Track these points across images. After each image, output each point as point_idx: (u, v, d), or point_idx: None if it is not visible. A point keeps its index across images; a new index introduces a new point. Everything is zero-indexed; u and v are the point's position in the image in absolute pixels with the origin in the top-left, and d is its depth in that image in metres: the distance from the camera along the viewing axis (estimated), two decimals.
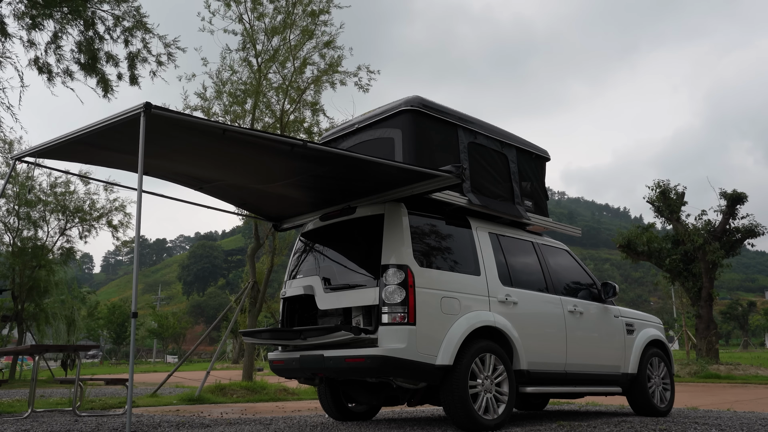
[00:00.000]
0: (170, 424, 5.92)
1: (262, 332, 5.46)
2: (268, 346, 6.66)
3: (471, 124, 5.80)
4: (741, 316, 66.56)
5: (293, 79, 12.85)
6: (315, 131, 13.25)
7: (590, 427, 5.25)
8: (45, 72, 9.35)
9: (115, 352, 65.07)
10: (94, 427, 5.66)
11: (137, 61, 9.59)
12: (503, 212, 5.83)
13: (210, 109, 12.90)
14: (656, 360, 6.76)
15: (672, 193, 21.03)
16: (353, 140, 5.90)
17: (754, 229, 19.81)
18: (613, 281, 6.65)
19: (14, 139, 18.46)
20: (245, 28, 12.61)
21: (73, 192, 19.88)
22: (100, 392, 12.39)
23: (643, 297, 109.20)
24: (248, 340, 5.71)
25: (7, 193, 19.22)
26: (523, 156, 6.35)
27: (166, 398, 10.14)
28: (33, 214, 19.60)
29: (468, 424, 4.75)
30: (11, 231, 19.52)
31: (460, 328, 4.82)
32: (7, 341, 22.85)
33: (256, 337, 5.50)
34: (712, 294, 19.76)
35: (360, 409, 6.15)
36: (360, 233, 5.32)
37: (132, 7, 9.32)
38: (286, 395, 10.83)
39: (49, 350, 7.84)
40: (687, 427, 5.36)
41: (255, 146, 4.63)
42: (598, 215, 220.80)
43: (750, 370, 17.61)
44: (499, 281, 5.38)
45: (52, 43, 9.22)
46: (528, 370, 5.32)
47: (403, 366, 4.56)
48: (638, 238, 21.27)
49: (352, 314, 5.28)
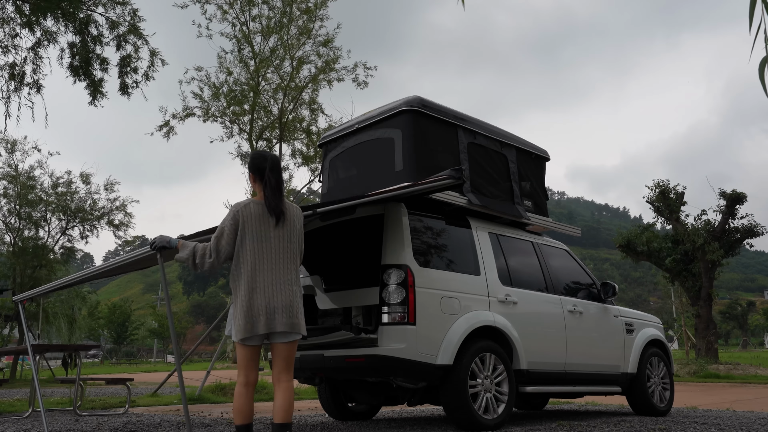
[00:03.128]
0: (170, 423, 5.94)
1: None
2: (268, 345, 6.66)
3: (471, 124, 5.81)
4: (740, 315, 66.58)
5: (291, 78, 12.87)
6: (314, 130, 13.27)
7: (590, 426, 5.26)
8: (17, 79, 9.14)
9: (116, 351, 65.05)
10: (95, 426, 5.68)
11: (128, 70, 9.44)
12: (503, 212, 5.85)
13: (209, 110, 12.93)
14: (656, 360, 6.77)
15: (671, 193, 21.04)
16: (353, 140, 5.91)
17: (754, 229, 19.83)
18: (612, 281, 6.66)
19: (17, 139, 18.52)
20: (240, 29, 12.65)
21: (75, 192, 19.91)
22: (100, 392, 12.41)
23: (642, 297, 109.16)
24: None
25: (8, 193, 19.25)
26: (523, 156, 6.36)
27: (166, 398, 10.15)
28: (34, 214, 19.62)
29: (468, 424, 4.76)
30: (12, 231, 19.53)
31: (460, 328, 4.84)
32: (8, 341, 22.85)
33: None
34: (712, 294, 19.77)
35: (360, 409, 6.16)
36: (360, 233, 5.33)
37: (131, 9, 9.28)
38: None
39: (49, 350, 7.85)
40: (686, 426, 5.37)
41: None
42: (598, 215, 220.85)
43: (749, 369, 17.63)
44: (498, 281, 5.39)
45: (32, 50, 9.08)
46: (528, 370, 5.33)
47: (403, 366, 4.57)
48: (638, 238, 21.28)
49: (352, 314, 5.30)
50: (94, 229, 20.19)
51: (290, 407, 3.48)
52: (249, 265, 3.50)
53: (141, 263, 5.09)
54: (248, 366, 3.53)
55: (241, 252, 3.53)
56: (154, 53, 9.56)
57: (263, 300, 3.45)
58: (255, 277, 3.48)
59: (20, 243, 19.47)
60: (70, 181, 19.84)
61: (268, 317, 3.44)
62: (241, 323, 3.44)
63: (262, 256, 3.52)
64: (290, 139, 13.43)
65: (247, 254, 3.52)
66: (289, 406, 3.47)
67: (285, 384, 3.51)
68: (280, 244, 3.57)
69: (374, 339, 4.64)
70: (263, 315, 3.44)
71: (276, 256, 3.55)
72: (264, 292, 3.46)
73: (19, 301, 5.87)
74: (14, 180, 19.20)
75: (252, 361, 3.54)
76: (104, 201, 20.19)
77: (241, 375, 3.53)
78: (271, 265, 3.52)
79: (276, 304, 3.46)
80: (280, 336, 3.51)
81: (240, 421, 3.48)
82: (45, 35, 9.05)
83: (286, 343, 3.54)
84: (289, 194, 14.27)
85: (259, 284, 3.48)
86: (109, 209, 20.13)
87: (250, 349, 3.52)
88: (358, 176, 5.75)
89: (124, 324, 60.91)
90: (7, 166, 19.35)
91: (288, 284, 3.54)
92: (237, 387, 3.51)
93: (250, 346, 3.51)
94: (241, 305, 3.47)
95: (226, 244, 3.55)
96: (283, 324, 3.46)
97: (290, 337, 3.53)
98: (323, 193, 6.20)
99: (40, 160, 24.79)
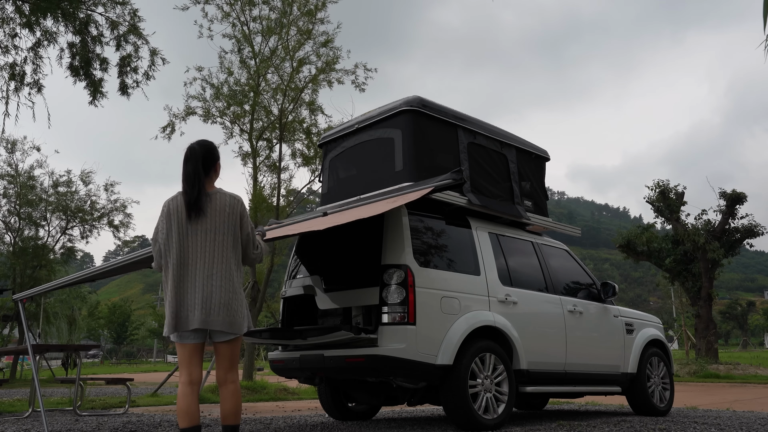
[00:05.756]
0: (170, 423, 5.94)
1: (263, 332, 5.47)
2: (269, 345, 6.64)
3: (471, 124, 5.81)
4: (740, 315, 66.59)
5: (291, 79, 12.87)
6: (314, 131, 13.27)
7: (590, 426, 5.26)
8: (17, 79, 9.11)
9: (116, 351, 65.05)
10: (95, 426, 5.68)
11: (128, 70, 9.40)
12: (503, 212, 5.84)
13: (209, 110, 12.93)
14: (656, 359, 6.77)
15: (671, 193, 21.05)
16: (353, 140, 5.91)
17: (753, 229, 19.85)
18: (612, 281, 6.66)
19: (17, 139, 18.53)
20: (241, 29, 12.65)
21: (75, 192, 19.92)
22: (100, 392, 12.42)
23: (642, 297, 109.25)
24: (248, 340, 5.72)
25: (8, 193, 19.25)
26: (523, 156, 6.36)
27: (166, 398, 10.16)
28: (34, 214, 19.63)
29: (468, 424, 4.76)
30: (12, 231, 19.54)
31: (460, 328, 4.83)
32: (8, 341, 22.86)
33: (256, 336, 5.51)
34: (712, 294, 19.78)
35: (360, 409, 6.16)
36: (360, 233, 5.33)
37: (131, 9, 9.27)
38: (287, 395, 10.85)
39: (49, 350, 7.85)
40: (686, 426, 5.37)
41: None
42: (598, 215, 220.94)
43: (749, 369, 17.63)
44: (498, 281, 5.39)
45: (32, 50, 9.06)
46: (528, 370, 5.33)
47: (403, 366, 4.57)
48: (638, 238, 21.30)
49: (352, 314, 5.30)
50: (94, 230, 20.21)
51: (238, 410, 3.34)
52: (174, 259, 3.34)
53: (141, 264, 5.10)
54: (190, 363, 3.34)
55: (169, 246, 3.37)
56: (154, 52, 9.54)
57: (191, 296, 3.28)
58: (181, 272, 3.32)
59: (20, 243, 19.48)
60: (70, 180, 19.86)
61: (199, 314, 3.26)
62: (168, 319, 3.29)
63: (187, 250, 3.34)
64: (290, 139, 13.44)
65: (172, 248, 3.35)
66: (237, 409, 3.34)
67: (231, 386, 3.36)
68: (207, 237, 3.36)
69: (374, 339, 4.64)
70: (193, 311, 3.26)
71: (203, 249, 3.35)
72: (193, 288, 3.29)
73: (18, 301, 5.87)
74: (14, 180, 19.21)
75: (193, 359, 3.35)
76: (104, 201, 20.22)
77: (184, 374, 3.33)
78: (199, 258, 3.33)
79: (207, 300, 3.27)
80: (218, 335, 3.36)
81: (186, 423, 3.25)
82: (45, 35, 9.03)
83: (227, 343, 3.38)
84: (290, 194, 14.28)
85: (188, 279, 3.31)
86: (109, 209, 20.14)
87: (189, 347, 3.35)
88: (358, 176, 5.75)
89: (124, 324, 60.91)
90: (7, 165, 19.36)
91: (220, 279, 3.32)
92: (180, 387, 3.31)
93: (188, 344, 3.35)
94: (168, 301, 3.32)
95: (163, 241, 3.40)
96: (219, 322, 3.28)
97: (228, 336, 3.36)
98: (323, 193, 6.20)
99: (39, 160, 24.82)
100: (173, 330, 3.31)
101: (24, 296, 5.87)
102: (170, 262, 3.37)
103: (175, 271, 3.34)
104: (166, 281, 3.39)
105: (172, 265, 3.35)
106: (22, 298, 5.83)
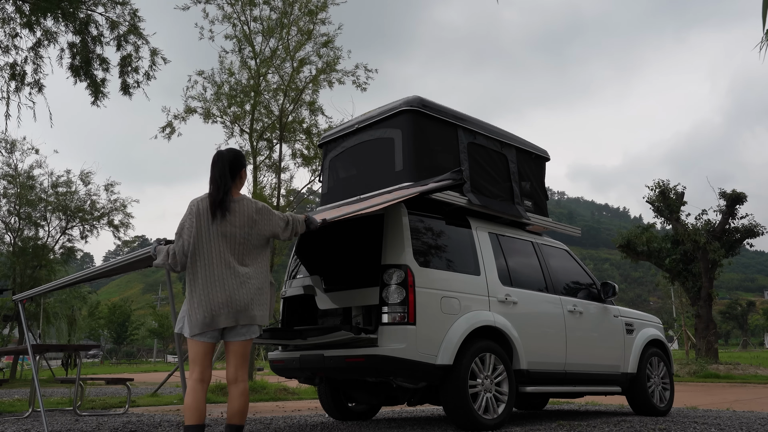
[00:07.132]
0: (170, 423, 5.94)
1: (263, 332, 5.48)
2: (269, 345, 6.65)
3: (471, 124, 5.81)
4: (740, 315, 66.63)
5: (291, 79, 12.87)
6: (314, 131, 13.27)
7: (590, 426, 5.26)
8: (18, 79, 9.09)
9: (116, 351, 65.05)
10: (95, 426, 5.68)
11: (129, 69, 9.38)
12: (503, 212, 5.84)
13: (209, 110, 12.93)
14: (656, 359, 6.77)
15: (671, 193, 21.05)
16: (353, 140, 5.90)
17: (754, 229, 19.85)
18: (612, 281, 6.66)
19: (16, 139, 18.53)
20: (241, 29, 12.65)
21: (74, 192, 19.92)
22: (100, 392, 12.42)
23: (642, 297, 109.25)
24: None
25: (8, 193, 19.25)
26: (523, 156, 6.36)
27: (166, 398, 10.16)
28: (34, 214, 19.62)
29: (468, 424, 4.76)
30: (12, 231, 19.53)
31: (460, 328, 4.83)
32: (8, 341, 22.86)
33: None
34: (712, 294, 19.78)
35: (360, 409, 6.16)
36: (360, 233, 5.33)
37: (131, 9, 9.26)
38: (286, 395, 10.85)
39: (49, 350, 7.85)
40: (686, 426, 5.37)
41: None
42: (598, 215, 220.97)
43: (749, 369, 17.64)
44: (498, 281, 5.39)
45: (32, 50, 9.04)
46: (528, 370, 5.33)
47: (403, 366, 4.57)
48: (638, 238, 21.30)
49: (352, 314, 5.30)
50: (94, 229, 20.21)
51: (245, 410, 3.39)
52: (205, 259, 3.42)
53: (141, 264, 5.10)
54: (203, 362, 3.41)
55: (198, 246, 3.44)
56: (154, 52, 9.54)
57: (222, 295, 3.37)
58: (212, 272, 3.40)
59: (20, 243, 19.47)
60: (69, 180, 19.85)
61: (228, 313, 3.37)
62: (199, 317, 3.36)
63: (211, 251, 3.43)
64: (291, 140, 13.44)
65: (203, 248, 3.43)
66: (244, 409, 3.38)
67: (242, 385, 3.42)
68: (233, 239, 3.47)
69: (374, 339, 4.64)
70: (223, 310, 3.36)
71: (229, 251, 3.45)
72: (223, 287, 3.38)
73: (18, 301, 5.87)
74: (14, 180, 19.21)
75: (206, 357, 3.42)
76: (104, 201, 20.21)
77: (195, 371, 3.38)
78: (223, 259, 3.43)
79: (235, 299, 3.38)
80: (235, 334, 3.44)
81: (193, 420, 3.28)
82: (45, 35, 9.03)
83: (242, 341, 3.46)
84: (290, 194, 14.28)
85: (217, 279, 3.39)
86: (109, 209, 20.14)
87: (204, 345, 3.41)
88: (358, 176, 5.75)
89: (124, 324, 60.92)
90: (7, 166, 19.36)
91: (247, 279, 3.44)
92: (190, 383, 3.34)
93: (204, 342, 3.41)
94: (198, 300, 3.38)
95: (188, 238, 3.47)
96: (246, 317, 3.40)
97: (246, 336, 3.46)
98: (323, 193, 6.20)
99: (39, 160, 24.81)
100: (204, 328, 3.37)
101: (24, 297, 5.86)
102: (198, 261, 3.44)
103: (207, 271, 3.42)
104: (191, 281, 3.46)
105: (202, 264, 3.43)
106: (22, 298, 5.83)
